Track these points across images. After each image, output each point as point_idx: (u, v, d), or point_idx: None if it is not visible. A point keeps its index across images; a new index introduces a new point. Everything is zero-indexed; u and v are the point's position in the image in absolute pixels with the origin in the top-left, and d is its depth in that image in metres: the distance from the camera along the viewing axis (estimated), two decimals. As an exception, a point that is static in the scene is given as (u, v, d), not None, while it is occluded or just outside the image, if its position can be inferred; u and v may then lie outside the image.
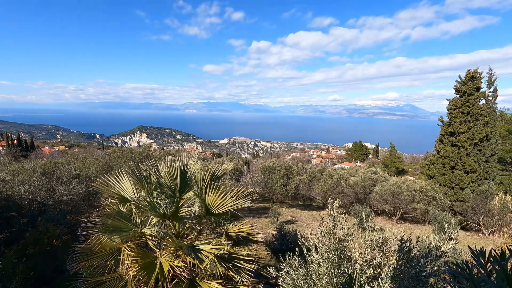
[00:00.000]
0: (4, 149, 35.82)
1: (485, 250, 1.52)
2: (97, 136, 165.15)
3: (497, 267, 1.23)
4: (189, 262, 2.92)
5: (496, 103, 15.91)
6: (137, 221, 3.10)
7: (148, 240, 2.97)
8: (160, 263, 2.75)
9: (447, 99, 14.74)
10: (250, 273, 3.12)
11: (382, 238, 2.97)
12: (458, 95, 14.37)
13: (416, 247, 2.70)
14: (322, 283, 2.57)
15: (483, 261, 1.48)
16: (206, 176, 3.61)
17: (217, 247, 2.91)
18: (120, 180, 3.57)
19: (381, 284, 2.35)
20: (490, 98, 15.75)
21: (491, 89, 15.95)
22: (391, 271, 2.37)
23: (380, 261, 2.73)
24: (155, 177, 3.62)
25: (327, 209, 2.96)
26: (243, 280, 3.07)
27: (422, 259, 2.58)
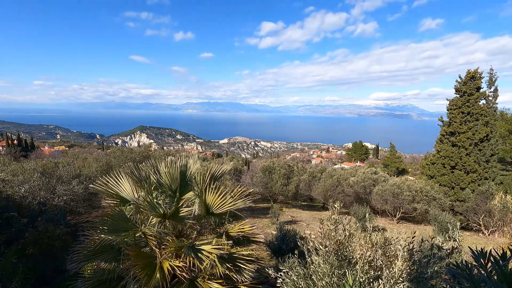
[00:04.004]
0: (4, 149, 35.82)
1: (486, 250, 1.52)
2: (97, 136, 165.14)
3: (497, 267, 1.23)
4: (189, 262, 2.91)
5: (497, 103, 15.94)
6: (137, 221, 3.10)
7: (148, 240, 2.97)
8: (160, 263, 2.75)
9: (447, 99, 14.73)
10: (251, 273, 3.12)
11: (384, 239, 2.96)
12: (458, 95, 14.36)
13: (417, 249, 2.70)
14: (322, 283, 2.56)
15: (483, 262, 1.48)
16: (206, 176, 3.61)
17: (217, 247, 2.91)
18: (119, 181, 3.57)
19: (381, 285, 2.35)
20: (490, 98, 15.77)
21: (492, 89, 15.98)
22: (392, 272, 2.37)
23: (381, 262, 2.73)
24: (155, 177, 3.62)
25: (327, 209, 2.93)
26: (243, 280, 3.07)
27: (424, 260, 2.57)
